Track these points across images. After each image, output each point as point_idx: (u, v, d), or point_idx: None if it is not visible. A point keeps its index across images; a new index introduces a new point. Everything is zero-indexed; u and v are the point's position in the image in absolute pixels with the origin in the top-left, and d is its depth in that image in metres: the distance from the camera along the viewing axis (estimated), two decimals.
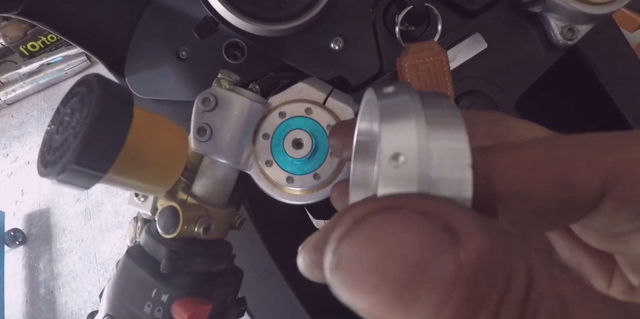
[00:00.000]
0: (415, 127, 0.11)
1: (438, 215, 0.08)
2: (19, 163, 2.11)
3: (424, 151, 0.10)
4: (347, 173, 0.34)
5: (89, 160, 0.20)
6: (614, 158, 0.11)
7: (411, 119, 0.11)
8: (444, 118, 0.11)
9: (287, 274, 0.47)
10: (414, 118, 0.11)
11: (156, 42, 0.45)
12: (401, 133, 0.11)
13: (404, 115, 0.11)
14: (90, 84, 0.22)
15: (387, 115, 0.11)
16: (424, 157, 0.10)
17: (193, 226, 0.31)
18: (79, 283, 1.75)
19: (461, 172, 0.10)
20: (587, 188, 0.11)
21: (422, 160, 0.10)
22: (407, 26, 0.39)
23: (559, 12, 0.36)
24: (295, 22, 0.34)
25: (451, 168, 0.10)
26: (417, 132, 0.11)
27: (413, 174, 0.10)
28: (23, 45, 2.19)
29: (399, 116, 0.11)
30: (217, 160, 0.34)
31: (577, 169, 0.11)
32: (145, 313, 0.29)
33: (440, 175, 0.10)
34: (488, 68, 0.39)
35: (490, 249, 0.08)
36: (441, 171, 0.10)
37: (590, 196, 0.11)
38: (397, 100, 0.12)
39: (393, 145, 0.11)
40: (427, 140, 0.10)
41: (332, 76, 0.37)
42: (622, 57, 0.45)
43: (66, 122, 0.22)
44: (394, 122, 0.11)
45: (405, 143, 0.10)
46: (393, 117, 0.11)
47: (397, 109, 0.11)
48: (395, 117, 0.11)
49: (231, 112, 0.33)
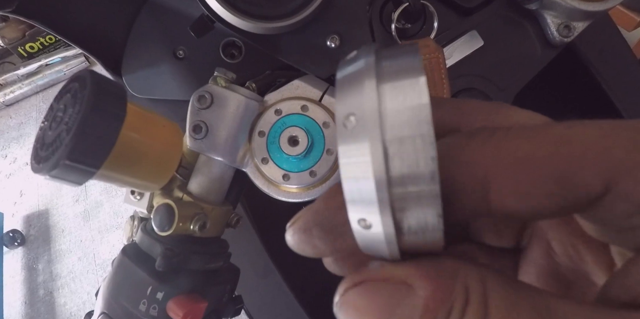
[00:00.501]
0: (366, 88, 0.10)
1: (396, 277, 0.12)
2: (18, 164, 2.11)
3: (373, 110, 0.10)
4: None
5: (81, 155, 0.20)
6: (620, 158, 0.11)
7: (362, 82, 0.11)
8: (398, 76, 0.10)
9: (284, 272, 0.47)
10: (365, 80, 0.11)
11: (153, 41, 0.44)
12: (351, 94, 0.11)
13: (355, 78, 0.11)
14: (83, 80, 0.22)
15: (342, 81, 0.11)
16: (373, 116, 0.10)
17: (189, 224, 0.31)
18: (78, 284, 1.75)
19: (419, 127, 0.10)
20: (589, 187, 0.11)
21: (371, 119, 0.10)
22: (404, 24, 0.39)
23: (555, 9, 0.36)
24: (292, 19, 0.34)
25: (408, 125, 0.10)
26: (366, 92, 0.10)
27: (364, 133, 0.10)
28: (21, 46, 2.19)
29: (351, 80, 0.11)
30: (213, 157, 0.34)
31: (584, 167, 0.11)
32: (141, 311, 0.29)
33: (395, 133, 0.10)
34: (484, 66, 0.39)
35: (432, 293, 0.11)
36: (395, 129, 0.10)
37: (592, 195, 0.11)
38: (353, 65, 0.12)
39: (344, 107, 0.11)
40: (376, 100, 0.10)
41: (329, 74, 0.37)
42: (618, 54, 0.45)
43: (59, 118, 0.22)
44: (347, 86, 0.11)
45: (355, 104, 0.10)
46: (345, 82, 0.11)
47: (350, 73, 0.11)
48: (349, 81, 0.11)
49: (227, 110, 0.33)
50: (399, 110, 0.10)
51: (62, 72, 2.18)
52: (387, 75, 0.11)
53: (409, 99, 0.10)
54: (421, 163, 0.10)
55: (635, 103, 0.46)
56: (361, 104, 0.10)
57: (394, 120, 0.10)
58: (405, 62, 0.11)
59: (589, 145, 0.11)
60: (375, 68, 0.11)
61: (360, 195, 0.11)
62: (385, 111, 0.10)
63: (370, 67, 0.11)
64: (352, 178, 0.11)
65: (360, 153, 0.10)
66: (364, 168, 0.10)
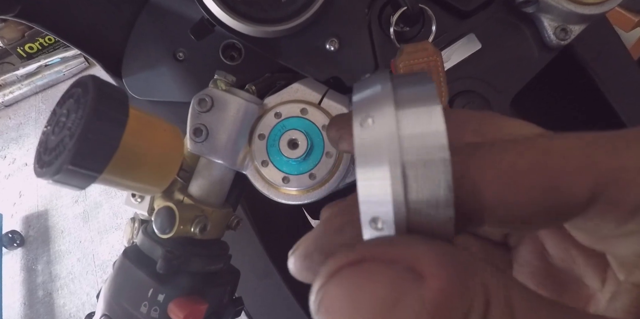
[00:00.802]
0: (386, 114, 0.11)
1: (402, 259, 0.09)
2: (17, 164, 2.11)
3: (393, 138, 0.10)
4: (342, 173, 0.34)
5: (84, 160, 0.21)
6: (604, 166, 0.11)
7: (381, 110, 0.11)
8: (416, 104, 0.11)
9: (284, 274, 0.47)
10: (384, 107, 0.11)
11: (153, 43, 0.45)
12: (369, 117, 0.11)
13: (374, 104, 0.11)
14: (85, 85, 0.22)
15: (357, 106, 0.12)
16: (394, 142, 0.10)
17: (189, 226, 0.31)
18: (77, 284, 1.75)
19: (437, 152, 0.10)
20: (575, 195, 0.11)
21: (392, 143, 0.10)
22: (402, 27, 0.39)
23: (552, 12, 0.37)
24: (291, 23, 0.34)
25: (424, 152, 0.10)
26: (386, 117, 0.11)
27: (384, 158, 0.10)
28: (21, 46, 2.19)
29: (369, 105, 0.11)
30: (213, 160, 0.34)
31: (567, 176, 0.11)
32: (142, 313, 0.29)
33: (410, 159, 0.10)
34: (482, 69, 0.39)
35: (449, 284, 0.09)
36: (413, 154, 0.10)
37: (579, 202, 0.11)
38: (369, 90, 0.12)
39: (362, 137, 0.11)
40: (396, 127, 0.10)
41: (328, 77, 0.38)
42: (615, 56, 0.46)
43: (62, 122, 0.22)
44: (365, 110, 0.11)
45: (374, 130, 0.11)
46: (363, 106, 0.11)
47: (367, 98, 0.12)
48: (366, 106, 0.11)
49: (227, 113, 0.33)
50: (416, 135, 0.10)
51: (61, 73, 2.18)
52: (406, 111, 0.11)
53: (426, 125, 0.10)
54: (440, 187, 0.10)
55: (633, 104, 0.46)
56: (380, 128, 0.11)
57: (411, 145, 0.10)
58: (422, 90, 0.11)
59: (571, 155, 0.11)
60: (394, 95, 0.11)
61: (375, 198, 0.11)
62: (403, 136, 0.11)
63: (388, 94, 0.11)
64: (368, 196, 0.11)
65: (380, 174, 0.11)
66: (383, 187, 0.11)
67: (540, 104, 0.53)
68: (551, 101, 0.54)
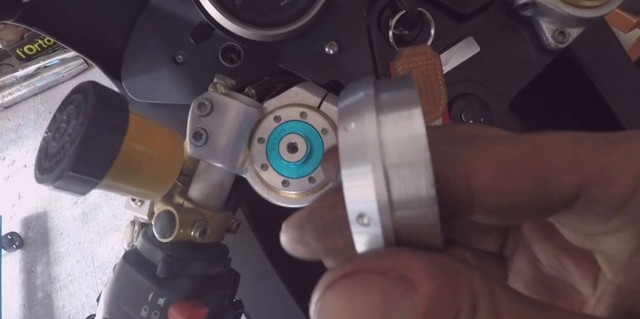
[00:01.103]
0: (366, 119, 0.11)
1: (394, 269, 0.10)
2: (16, 166, 2.11)
3: (374, 140, 0.11)
4: None
5: (85, 166, 0.21)
6: (590, 163, 0.11)
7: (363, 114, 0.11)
8: (397, 108, 0.11)
9: (285, 277, 0.48)
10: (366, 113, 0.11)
11: (152, 45, 0.45)
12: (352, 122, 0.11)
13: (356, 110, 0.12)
14: (85, 91, 0.22)
15: (342, 112, 0.12)
16: (375, 145, 0.11)
17: (189, 230, 0.31)
18: (76, 286, 1.74)
19: (417, 154, 0.11)
20: (562, 189, 0.11)
21: (373, 147, 0.11)
22: (401, 30, 0.39)
23: (550, 15, 0.37)
24: (290, 27, 0.34)
25: (406, 154, 0.11)
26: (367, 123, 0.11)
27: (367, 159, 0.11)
28: (20, 48, 2.19)
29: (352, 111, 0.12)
30: (213, 164, 0.34)
31: (556, 169, 0.11)
32: (142, 317, 0.29)
33: (392, 161, 0.11)
34: (481, 72, 0.39)
35: (438, 290, 0.10)
36: (395, 156, 0.11)
37: (565, 196, 0.12)
38: (353, 96, 0.12)
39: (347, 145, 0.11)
40: (377, 131, 0.11)
41: (327, 80, 0.38)
42: (614, 58, 0.46)
43: (62, 129, 0.22)
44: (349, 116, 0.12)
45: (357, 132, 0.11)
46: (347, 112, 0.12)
47: (351, 104, 0.12)
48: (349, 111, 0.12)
49: (227, 117, 0.33)
50: (397, 138, 0.11)
51: (60, 74, 2.18)
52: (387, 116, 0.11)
53: (407, 128, 0.11)
54: (422, 185, 0.11)
55: (631, 106, 0.46)
56: (362, 132, 0.11)
57: (392, 148, 0.11)
58: (403, 93, 0.12)
59: (561, 150, 0.12)
60: (375, 100, 0.11)
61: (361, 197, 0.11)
62: (384, 140, 0.11)
63: (370, 99, 0.12)
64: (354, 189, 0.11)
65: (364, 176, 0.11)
66: (367, 189, 0.11)
67: (539, 106, 0.54)
68: (550, 103, 0.54)
